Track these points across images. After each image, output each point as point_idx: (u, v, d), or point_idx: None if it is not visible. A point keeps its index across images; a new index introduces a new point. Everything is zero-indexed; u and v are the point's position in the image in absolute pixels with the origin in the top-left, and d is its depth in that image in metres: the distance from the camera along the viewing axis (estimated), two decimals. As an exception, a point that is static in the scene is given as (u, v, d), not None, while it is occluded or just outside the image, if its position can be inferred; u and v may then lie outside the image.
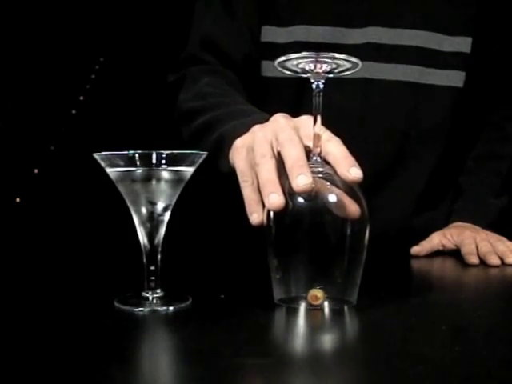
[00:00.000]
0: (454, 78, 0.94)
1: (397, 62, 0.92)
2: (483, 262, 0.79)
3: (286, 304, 0.53)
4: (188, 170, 0.55)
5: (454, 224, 0.93)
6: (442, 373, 0.39)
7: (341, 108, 0.91)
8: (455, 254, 0.85)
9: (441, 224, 0.94)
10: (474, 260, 0.79)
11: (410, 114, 0.94)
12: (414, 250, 0.87)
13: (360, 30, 0.91)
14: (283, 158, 0.55)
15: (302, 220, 0.51)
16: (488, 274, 0.76)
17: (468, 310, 0.57)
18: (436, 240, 0.88)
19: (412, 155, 0.95)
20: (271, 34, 0.93)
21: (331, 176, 0.53)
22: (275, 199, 0.52)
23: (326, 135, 0.57)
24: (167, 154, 0.53)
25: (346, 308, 0.53)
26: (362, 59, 0.58)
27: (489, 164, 0.99)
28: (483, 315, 0.54)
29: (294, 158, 0.54)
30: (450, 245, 0.87)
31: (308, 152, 0.56)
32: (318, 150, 0.55)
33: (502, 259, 0.79)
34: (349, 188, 0.52)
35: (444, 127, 0.96)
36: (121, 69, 1.41)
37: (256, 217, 0.56)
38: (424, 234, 0.90)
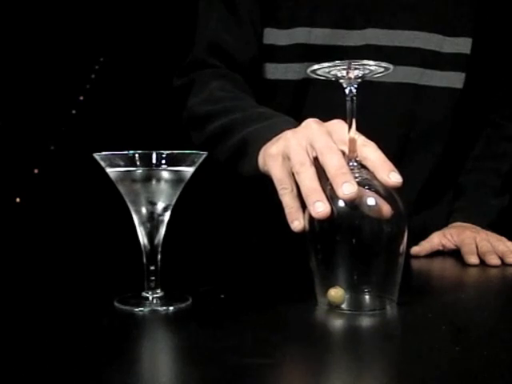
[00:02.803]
0: (454, 80, 0.94)
1: (396, 64, 0.92)
2: (483, 262, 0.79)
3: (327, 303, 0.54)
4: (188, 170, 0.55)
5: (454, 224, 0.93)
6: (442, 373, 0.39)
7: (341, 110, 0.91)
8: (455, 253, 0.85)
9: (441, 224, 0.94)
10: (474, 260, 0.79)
11: (410, 116, 0.94)
12: (414, 250, 0.87)
13: (360, 32, 0.91)
14: (324, 165, 0.55)
15: (345, 224, 0.53)
16: (488, 274, 0.76)
17: (468, 310, 0.57)
18: (436, 240, 0.88)
19: (412, 156, 0.95)
20: (272, 36, 0.93)
21: (368, 180, 0.54)
22: (321, 208, 0.52)
23: (362, 140, 0.57)
24: (167, 154, 0.53)
25: (387, 309, 0.54)
26: None
27: (489, 164, 0.99)
28: (483, 315, 0.54)
29: (337, 166, 0.54)
30: (449, 245, 0.87)
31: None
32: (355, 154, 0.56)
33: (502, 259, 0.79)
34: (385, 191, 0.54)
35: (444, 128, 0.96)
36: (121, 69, 1.41)
37: (298, 224, 0.57)
38: (424, 234, 0.90)
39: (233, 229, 1.03)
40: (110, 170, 0.54)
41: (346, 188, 0.52)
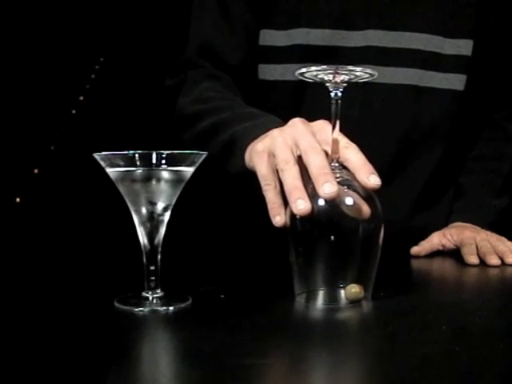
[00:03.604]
0: (455, 81, 0.94)
1: (397, 66, 0.92)
2: (483, 262, 0.79)
3: (305, 297, 0.56)
4: (188, 170, 0.55)
5: (454, 224, 0.93)
6: (442, 373, 0.39)
7: (341, 112, 0.91)
8: (455, 253, 0.85)
9: (440, 224, 0.94)
10: (474, 260, 0.79)
11: (411, 118, 0.94)
12: (414, 250, 0.87)
13: (360, 33, 0.91)
14: (307, 165, 0.57)
15: (323, 221, 0.55)
16: (488, 274, 0.76)
17: (468, 309, 0.57)
18: (436, 240, 0.88)
19: (412, 157, 0.95)
20: (270, 37, 0.93)
21: (349, 181, 0.57)
22: (302, 205, 0.55)
23: (344, 142, 0.59)
24: (167, 154, 0.53)
25: (364, 304, 0.55)
26: (362, 62, 0.59)
27: (489, 164, 0.99)
28: (483, 315, 0.54)
29: (319, 166, 0.56)
30: (449, 245, 0.87)
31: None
32: (337, 155, 0.58)
33: (501, 259, 0.79)
34: (364, 192, 0.56)
35: (444, 129, 0.96)
36: (121, 69, 1.41)
37: (279, 219, 0.58)
38: (424, 234, 0.90)
39: (232, 229, 1.03)
40: (109, 170, 0.54)
41: (327, 187, 0.54)
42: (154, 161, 0.53)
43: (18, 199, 1.37)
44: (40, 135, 1.38)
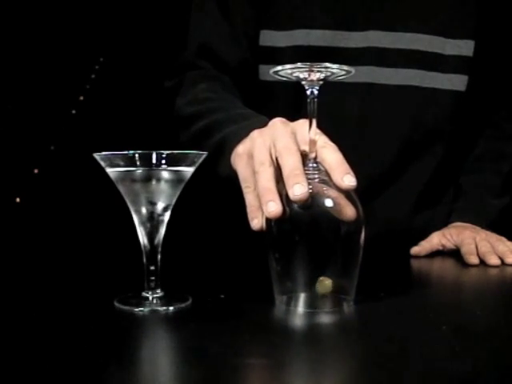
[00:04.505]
0: (457, 82, 0.94)
1: (398, 66, 0.92)
2: (483, 262, 0.79)
3: (285, 302, 0.55)
4: (188, 170, 0.55)
5: (454, 224, 0.93)
6: (442, 373, 0.39)
7: (343, 113, 0.91)
8: (455, 254, 0.85)
9: (440, 224, 0.94)
10: (474, 260, 0.79)
11: (412, 119, 0.94)
12: (414, 250, 0.87)
13: (361, 34, 0.91)
14: (281, 166, 0.57)
15: (300, 224, 0.53)
16: (488, 274, 0.76)
17: (468, 309, 0.57)
18: (436, 240, 0.88)
19: (413, 158, 0.95)
20: (271, 38, 0.93)
21: (327, 181, 0.55)
22: (273, 208, 0.54)
23: (321, 141, 0.58)
24: (167, 154, 0.53)
25: (345, 306, 0.54)
26: (363, 63, 0.58)
27: (489, 164, 0.99)
28: (483, 315, 0.54)
29: (291, 167, 0.55)
30: (449, 245, 0.87)
31: (305, 156, 0.57)
32: (314, 155, 0.56)
33: (501, 259, 0.79)
34: (344, 192, 0.54)
35: (446, 130, 0.96)
36: (121, 69, 1.41)
37: (256, 222, 0.58)
38: (424, 234, 0.90)
39: (232, 229, 1.03)
40: (109, 170, 0.54)
41: (297, 189, 0.53)
42: (154, 161, 0.53)
43: (18, 199, 1.37)
44: (40, 135, 1.38)
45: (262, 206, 0.55)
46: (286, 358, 0.42)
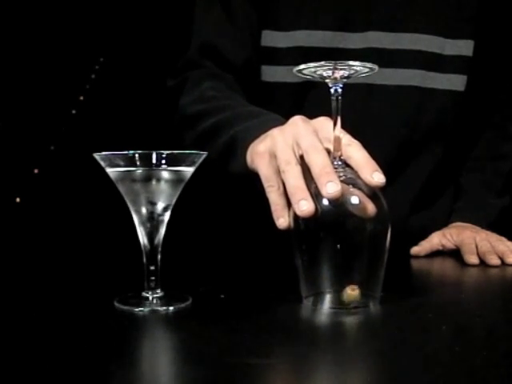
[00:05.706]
0: (456, 82, 0.94)
1: (398, 67, 0.92)
2: (483, 262, 0.79)
3: (312, 300, 0.55)
4: (188, 170, 0.55)
5: (454, 224, 0.93)
6: (442, 373, 0.39)
7: (342, 113, 0.91)
8: (455, 253, 0.85)
9: (440, 224, 0.94)
10: (474, 260, 0.79)
11: (412, 119, 0.94)
12: (414, 250, 0.87)
13: (361, 35, 0.91)
14: (309, 164, 0.56)
15: (329, 222, 0.54)
16: (488, 274, 0.76)
17: (468, 309, 0.57)
18: (436, 240, 0.88)
19: (413, 157, 0.95)
20: (271, 38, 0.93)
21: (353, 179, 0.55)
22: (305, 206, 0.53)
23: (346, 139, 0.58)
24: (167, 154, 0.53)
25: (371, 306, 0.54)
26: None
27: (490, 164, 0.99)
28: (483, 315, 0.54)
29: (321, 166, 0.55)
30: (449, 245, 0.87)
31: (328, 154, 0.57)
32: (339, 153, 0.56)
33: (501, 259, 0.79)
34: (369, 190, 0.55)
35: (445, 130, 0.96)
36: (121, 69, 1.41)
37: (283, 221, 0.58)
38: (423, 234, 0.90)
39: (232, 229, 1.03)
40: (109, 170, 0.54)
41: (330, 187, 0.53)
42: (154, 161, 0.53)
43: (18, 199, 1.37)
44: (40, 135, 1.38)
45: (294, 205, 0.54)
46: (287, 357, 0.42)
